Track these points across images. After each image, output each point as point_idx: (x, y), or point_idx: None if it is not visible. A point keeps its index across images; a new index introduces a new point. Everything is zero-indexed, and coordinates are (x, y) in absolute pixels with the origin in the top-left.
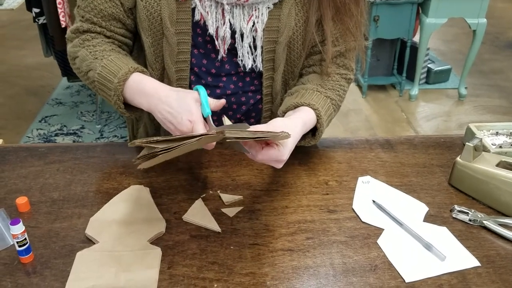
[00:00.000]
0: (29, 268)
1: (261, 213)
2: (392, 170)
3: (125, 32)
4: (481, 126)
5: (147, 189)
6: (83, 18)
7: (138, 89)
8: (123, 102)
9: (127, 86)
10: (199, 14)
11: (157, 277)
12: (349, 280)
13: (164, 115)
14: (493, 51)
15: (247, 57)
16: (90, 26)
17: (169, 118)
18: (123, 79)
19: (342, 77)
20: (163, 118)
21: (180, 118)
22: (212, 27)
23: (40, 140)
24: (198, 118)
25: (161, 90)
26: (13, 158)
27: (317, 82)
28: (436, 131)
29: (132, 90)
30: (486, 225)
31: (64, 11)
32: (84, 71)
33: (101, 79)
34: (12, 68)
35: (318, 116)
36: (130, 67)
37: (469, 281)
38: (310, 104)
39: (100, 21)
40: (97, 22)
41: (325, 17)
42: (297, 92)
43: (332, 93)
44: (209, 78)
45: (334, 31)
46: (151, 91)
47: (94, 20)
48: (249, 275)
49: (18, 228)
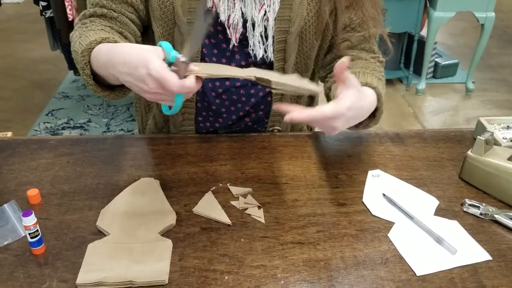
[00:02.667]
0: (41, 260)
1: (271, 206)
2: (402, 163)
3: (135, 18)
4: (492, 120)
5: (157, 181)
6: (92, 5)
7: (99, 57)
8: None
9: (93, 57)
10: (211, 2)
11: (168, 269)
12: (360, 273)
13: (124, 77)
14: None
15: (258, 46)
16: (97, 9)
17: (128, 78)
18: (87, 49)
19: (375, 60)
20: (126, 82)
21: (139, 74)
22: (224, 15)
23: (47, 133)
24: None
25: (118, 48)
26: (23, 151)
27: (358, 66)
28: (443, 125)
29: (97, 61)
30: (497, 219)
31: (71, 4)
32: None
33: (75, 55)
34: (19, 61)
35: (378, 95)
36: (98, 37)
37: (481, 274)
38: (367, 83)
39: (110, 3)
40: (106, 5)
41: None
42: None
43: (377, 73)
44: None
45: (354, 18)
46: (107, 53)
47: (103, 3)
48: (260, 267)
49: (30, 219)
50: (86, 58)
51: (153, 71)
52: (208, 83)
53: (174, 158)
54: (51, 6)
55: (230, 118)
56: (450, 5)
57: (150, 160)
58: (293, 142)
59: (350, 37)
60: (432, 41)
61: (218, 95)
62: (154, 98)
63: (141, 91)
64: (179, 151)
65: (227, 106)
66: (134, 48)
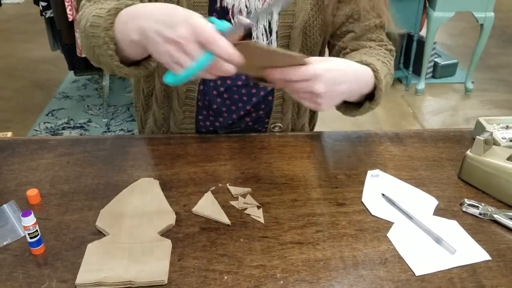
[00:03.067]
0: (40, 260)
1: (270, 206)
2: (401, 163)
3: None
4: (491, 120)
5: (157, 181)
6: None
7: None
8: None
9: (118, 21)
10: None
11: (167, 269)
12: (359, 273)
13: (150, 23)
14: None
15: (261, 39)
16: None
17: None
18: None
19: (383, 47)
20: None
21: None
22: (230, 4)
23: (47, 133)
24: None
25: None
26: (23, 151)
27: (361, 52)
28: (442, 125)
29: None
30: (496, 218)
31: (72, 4)
32: (81, 28)
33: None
34: (19, 61)
35: (374, 71)
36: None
37: (480, 274)
38: (362, 60)
39: None
40: None
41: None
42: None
43: (380, 57)
44: None
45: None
46: (141, 8)
47: None
48: (259, 267)
49: (29, 219)
50: (112, 18)
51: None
52: (209, 82)
53: (173, 158)
54: (51, 6)
55: (231, 117)
56: (450, 5)
57: (149, 160)
58: (292, 142)
59: (354, 28)
60: (432, 41)
61: (219, 93)
62: (171, 52)
63: (164, 41)
64: (178, 151)
65: (228, 105)
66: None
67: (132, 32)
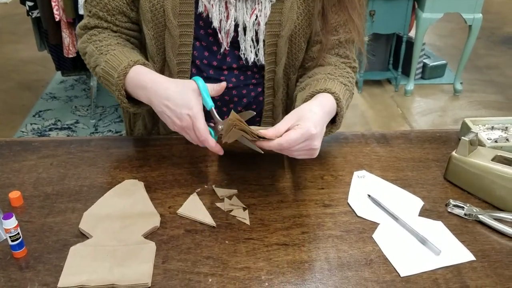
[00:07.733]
0: (22, 263)
1: (256, 207)
2: (387, 164)
3: (131, 26)
4: (477, 120)
5: (142, 183)
6: (90, 13)
7: (138, 81)
8: (128, 97)
9: (128, 80)
10: (202, 6)
11: (151, 271)
12: (344, 274)
13: (163, 109)
14: (489, 47)
15: (249, 50)
16: (97, 21)
17: (167, 112)
18: (123, 73)
19: (347, 65)
20: (162, 112)
21: (180, 112)
22: (216, 20)
23: (34, 134)
24: (198, 113)
25: (160, 82)
26: (6, 153)
27: (325, 71)
28: (431, 126)
29: (132, 83)
30: (481, 219)
31: (58, 4)
32: (92, 66)
33: (104, 74)
34: (6, 62)
35: (337, 100)
36: (130, 61)
37: (464, 275)
38: (326, 89)
39: (106, 15)
40: (103, 17)
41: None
42: (309, 85)
43: (343, 79)
44: (211, 71)
45: (338, 19)
46: (149, 83)
47: (100, 15)
48: (244, 269)
49: (11, 222)
50: (122, 80)
51: (195, 118)
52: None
53: (159, 159)
54: (38, 6)
55: (222, 119)
56: (438, 7)
57: (134, 162)
58: None
59: (323, 39)
60: (421, 42)
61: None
62: (178, 131)
63: (172, 124)
64: (164, 152)
65: (219, 107)
66: (177, 86)
67: (140, 96)
